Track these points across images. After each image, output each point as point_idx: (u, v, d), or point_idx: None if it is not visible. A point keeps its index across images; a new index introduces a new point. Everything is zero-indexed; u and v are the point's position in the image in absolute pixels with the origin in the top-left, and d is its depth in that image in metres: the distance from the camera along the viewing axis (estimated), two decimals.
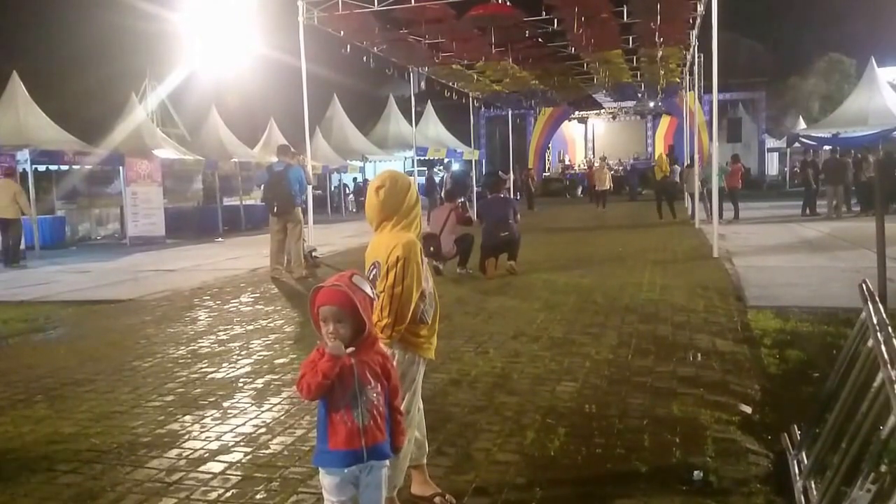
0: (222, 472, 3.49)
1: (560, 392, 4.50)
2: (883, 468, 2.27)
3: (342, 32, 14.93)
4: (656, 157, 24.87)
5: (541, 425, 3.92)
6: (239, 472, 3.49)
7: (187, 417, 4.32)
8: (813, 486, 2.82)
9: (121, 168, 18.17)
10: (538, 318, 6.83)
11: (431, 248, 9.42)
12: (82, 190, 20.40)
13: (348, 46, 15.51)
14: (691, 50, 18.69)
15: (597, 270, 9.82)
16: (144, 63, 25.06)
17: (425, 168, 30.57)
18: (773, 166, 40.63)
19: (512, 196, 27.51)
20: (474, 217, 11.07)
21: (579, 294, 8.03)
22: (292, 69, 14.71)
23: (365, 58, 16.62)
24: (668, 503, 2.98)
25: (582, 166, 40.73)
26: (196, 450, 3.79)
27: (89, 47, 27.37)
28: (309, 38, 13.42)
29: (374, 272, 2.76)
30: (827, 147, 24.20)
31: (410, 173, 23.53)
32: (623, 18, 15.13)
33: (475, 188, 26.00)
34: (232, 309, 8.07)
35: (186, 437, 4.00)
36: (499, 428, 3.91)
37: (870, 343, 2.65)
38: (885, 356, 2.39)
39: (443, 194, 19.03)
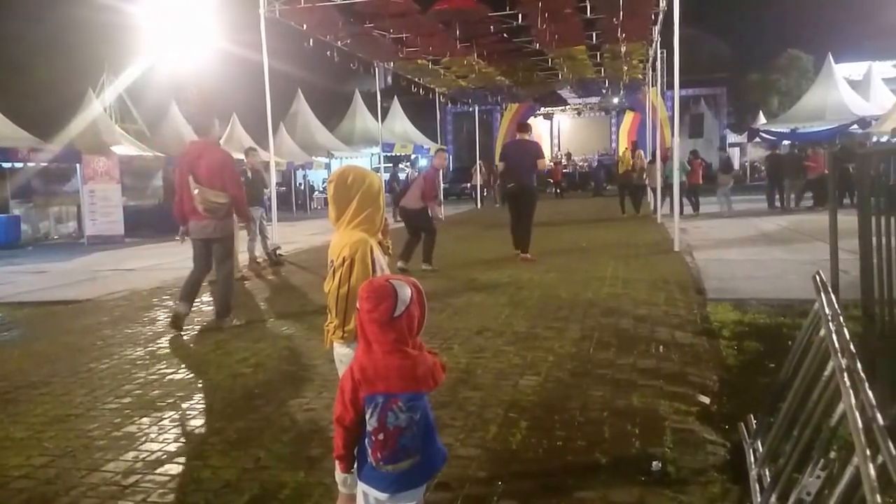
0: (180, 475, 3.44)
1: (523, 386, 4.52)
2: (832, 455, 2.31)
3: (305, 26, 14.78)
4: (621, 153, 25.08)
5: (503, 419, 3.93)
6: (197, 474, 3.43)
7: (145, 419, 4.24)
8: (767, 473, 2.87)
9: (78, 165, 17.78)
10: (503, 313, 6.86)
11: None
12: (38, 188, 19.92)
13: (311, 40, 15.34)
14: (654, 46, 18.90)
15: (561, 265, 9.88)
16: (102, 57, 24.45)
17: (391, 165, 30.52)
18: (734, 161, 41.31)
19: (479, 188, 27.71)
20: (442, 197, 11.04)
21: (544, 289, 8.08)
22: (255, 63, 14.49)
23: (329, 52, 16.45)
24: (627, 494, 3.01)
25: (548, 164, 40.91)
26: (153, 452, 3.72)
27: (44, 41, 26.68)
28: (271, 31, 13.25)
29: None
30: (786, 142, 24.74)
31: (377, 170, 23.41)
32: (586, 14, 15.23)
33: (442, 185, 25.97)
34: (193, 309, 7.91)
35: (144, 439, 3.92)
36: (462, 423, 3.91)
37: (822, 333, 2.71)
38: (836, 345, 2.44)
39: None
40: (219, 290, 6.88)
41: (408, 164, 36.84)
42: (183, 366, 5.46)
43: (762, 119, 32.30)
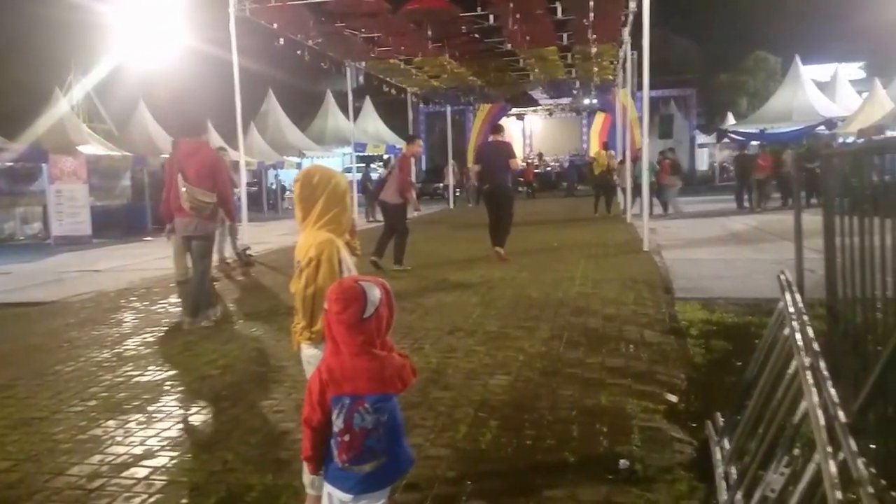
0: (146, 478, 3.39)
1: (493, 386, 4.53)
2: (796, 452, 2.35)
3: (275, 25, 14.66)
4: (594, 154, 25.17)
5: (473, 419, 3.93)
6: (164, 477, 3.39)
7: (111, 422, 4.17)
8: (734, 471, 2.91)
9: (44, 165, 17.43)
10: (474, 312, 6.86)
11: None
12: (3, 188, 19.50)
13: (282, 39, 15.22)
14: (624, 47, 19.05)
15: (533, 265, 9.92)
16: (69, 55, 23.96)
17: (364, 164, 30.40)
18: (703, 161, 41.87)
19: (452, 188, 27.70)
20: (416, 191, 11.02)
21: (515, 288, 8.10)
22: (225, 62, 14.31)
23: (300, 51, 16.33)
24: (595, 493, 3.03)
25: (521, 164, 41.01)
26: (119, 455, 3.67)
27: (9, 38, 26.07)
28: (241, 30, 13.12)
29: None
30: (754, 143, 25.11)
31: (349, 170, 23.28)
32: (557, 15, 15.31)
33: (416, 184, 25.92)
34: (160, 310, 7.83)
35: (110, 442, 3.86)
36: (432, 423, 3.91)
37: (786, 331, 2.75)
38: (800, 344, 2.48)
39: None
40: (192, 290, 6.80)
41: (380, 163, 36.69)
42: (150, 368, 5.38)
43: (731, 120, 32.72)
